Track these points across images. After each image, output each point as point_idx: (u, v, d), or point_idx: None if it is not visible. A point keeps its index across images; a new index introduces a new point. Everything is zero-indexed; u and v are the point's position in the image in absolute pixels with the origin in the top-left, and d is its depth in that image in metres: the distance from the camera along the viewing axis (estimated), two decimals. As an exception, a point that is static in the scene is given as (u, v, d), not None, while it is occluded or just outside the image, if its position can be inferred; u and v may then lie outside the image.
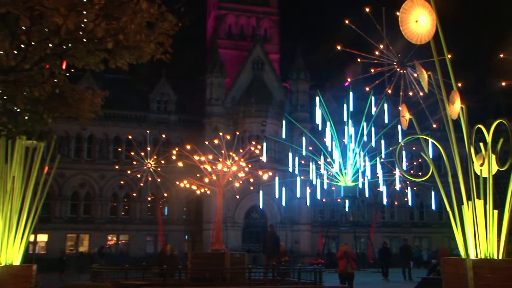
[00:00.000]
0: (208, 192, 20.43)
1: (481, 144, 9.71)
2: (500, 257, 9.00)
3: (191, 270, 16.30)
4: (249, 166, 20.65)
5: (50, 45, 6.78)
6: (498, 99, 45.81)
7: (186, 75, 47.92)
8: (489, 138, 9.44)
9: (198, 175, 20.39)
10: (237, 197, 38.26)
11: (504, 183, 9.28)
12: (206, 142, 25.35)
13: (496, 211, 9.13)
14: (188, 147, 20.01)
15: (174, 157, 22.02)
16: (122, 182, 40.91)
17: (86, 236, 42.35)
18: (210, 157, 19.30)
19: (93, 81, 40.50)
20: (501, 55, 15.62)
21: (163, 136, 39.58)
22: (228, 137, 21.71)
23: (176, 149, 21.99)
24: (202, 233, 41.96)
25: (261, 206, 34.62)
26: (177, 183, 23.65)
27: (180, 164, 21.04)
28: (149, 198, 42.58)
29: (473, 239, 9.13)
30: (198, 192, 21.50)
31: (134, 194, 41.65)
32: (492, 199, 9.15)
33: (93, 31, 6.32)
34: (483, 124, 9.64)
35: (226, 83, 45.43)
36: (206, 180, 19.16)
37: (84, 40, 6.51)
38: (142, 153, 31.96)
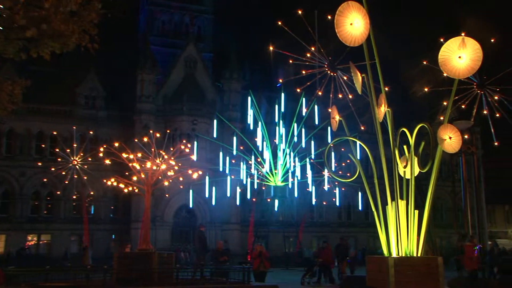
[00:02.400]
0: (137, 190, 19.97)
1: (405, 147, 10.10)
2: (419, 255, 9.40)
3: (117, 270, 15.82)
4: (179, 164, 20.37)
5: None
6: (422, 104, 47.91)
7: (117, 71, 46.62)
8: (412, 141, 9.83)
9: (126, 173, 19.89)
10: (167, 196, 37.69)
11: (425, 185, 9.70)
12: (136, 140, 24.78)
13: (417, 211, 9.52)
14: (117, 144, 19.48)
15: (101, 155, 21.32)
16: (45, 180, 39.13)
17: (2, 236, 40.05)
18: (139, 155, 18.85)
19: (14, 73, 38.21)
20: (424, 62, 16.36)
21: (91, 132, 38.24)
22: (158, 135, 21.29)
23: (104, 146, 21.31)
24: (130, 232, 41.01)
25: (190, 205, 34.32)
26: (105, 181, 22.99)
27: (107, 161, 20.46)
28: (74, 197, 41.04)
29: (395, 238, 9.47)
30: (126, 190, 20.98)
31: (58, 193, 39.97)
32: (413, 200, 9.53)
33: (12, 19, 5.90)
34: (407, 127, 10.02)
35: (158, 80, 44.70)
36: (135, 178, 18.71)
37: (1, 28, 6.06)
38: (68, 150, 30.69)
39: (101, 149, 21.10)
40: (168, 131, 32.74)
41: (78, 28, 7.03)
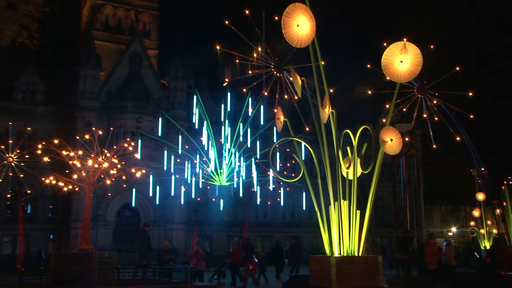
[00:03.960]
0: (77, 189, 19.40)
1: (348, 148, 10.27)
2: (360, 254, 9.59)
3: (53, 272, 15.28)
4: (122, 163, 19.92)
5: None
6: (365, 106, 49.07)
7: (58, 65, 45.04)
8: (355, 143, 10.01)
9: (66, 171, 19.30)
10: (109, 194, 36.80)
11: (367, 185, 9.91)
12: (77, 137, 24.09)
13: (359, 212, 9.71)
14: (56, 141, 18.87)
15: (39, 152, 20.55)
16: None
17: None
18: (80, 152, 18.30)
19: None
20: (368, 66, 16.73)
21: (28, 128, 36.66)
22: (100, 132, 20.72)
23: (43, 142, 20.56)
24: (70, 232, 39.74)
25: (133, 204, 33.64)
26: (43, 179, 22.23)
27: (46, 159, 19.81)
28: (8, 195, 39.32)
29: (338, 237, 9.63)
30: (65, 189, 20.36)
31: (-9, 191, 38.20)
32: (356, 200, 9.71)
33: None
34: (351, 129, 10.19)
35: (102, 76, 43.53)
36: (75, 176, 18.19)
37: None
38: (3, 146, 29.30)
39: (39, 146, 20.39)
40: (111, 128, 32.00)
41: (15, 22, 6.64)
